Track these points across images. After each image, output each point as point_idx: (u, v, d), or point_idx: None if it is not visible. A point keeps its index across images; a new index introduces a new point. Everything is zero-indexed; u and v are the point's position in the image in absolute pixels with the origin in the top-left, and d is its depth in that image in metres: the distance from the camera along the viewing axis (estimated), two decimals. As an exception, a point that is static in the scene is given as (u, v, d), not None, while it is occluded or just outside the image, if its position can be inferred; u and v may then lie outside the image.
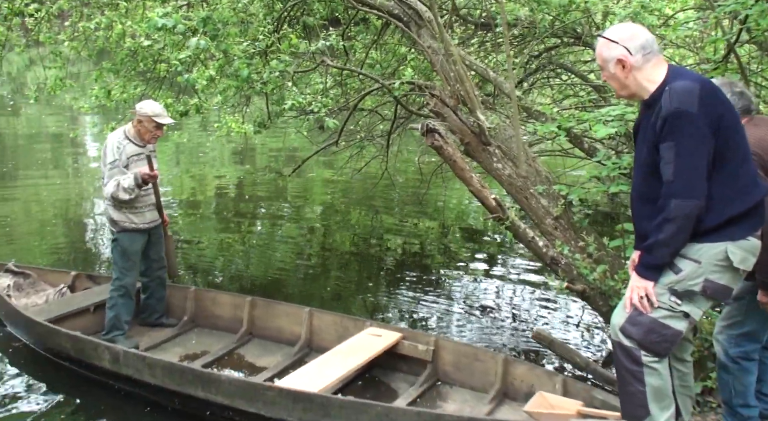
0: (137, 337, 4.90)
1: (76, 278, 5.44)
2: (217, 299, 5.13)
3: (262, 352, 4.78)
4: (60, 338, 4.44)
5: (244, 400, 3.75)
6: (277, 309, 4.90)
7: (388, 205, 9.01)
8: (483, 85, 6.54)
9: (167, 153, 12.30)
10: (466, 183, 4.23)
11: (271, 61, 4.83)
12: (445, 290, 6.07)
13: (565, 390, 3.69)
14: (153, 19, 4.20)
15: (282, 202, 9.28)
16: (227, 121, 7.20)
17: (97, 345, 4.28)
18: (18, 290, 5.25)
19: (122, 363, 4.15)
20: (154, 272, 4.98)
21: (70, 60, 6.98)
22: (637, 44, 2.73)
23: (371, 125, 7.60)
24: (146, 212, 4.73)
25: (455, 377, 4.24)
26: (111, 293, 4.73)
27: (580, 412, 3.39)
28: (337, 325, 4.65)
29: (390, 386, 4.33)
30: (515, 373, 4.00)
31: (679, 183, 2.61)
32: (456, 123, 4.46)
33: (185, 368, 4.04)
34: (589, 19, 5.90)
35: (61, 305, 4.98)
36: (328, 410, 3.54)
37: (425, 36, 5.29)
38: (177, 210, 8.87)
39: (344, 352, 4.19)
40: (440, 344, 4.27)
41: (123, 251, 4.68)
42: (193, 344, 4.92)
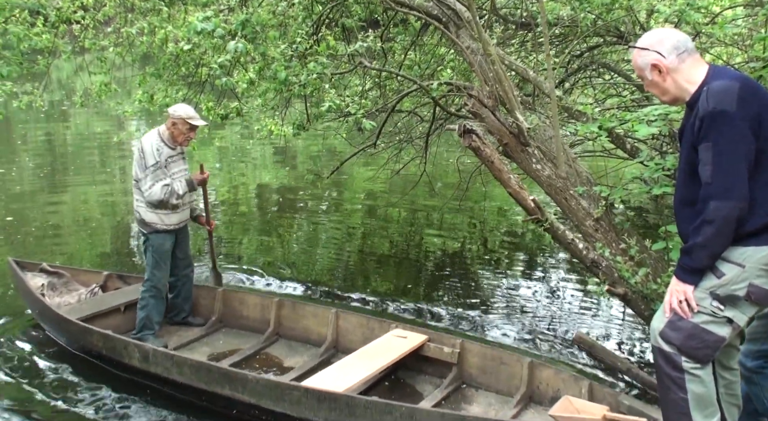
0: (166, 336, 4.99)
1: (107, 278, 5.55)
2: (244, 299, 5.20)
3: (289, 352, 4.83)
4: (92, 336, 4.55)
5: (270, 399, 3.79)
6: (303, 310, 4.95)
7: (427, 207, 8.98)
8: (523, 86, 6.47)
9: (210, 155, 12.50)
10: (504, 184, 4.18)
11: (308, 64, 4.84)
12: (484, 293, 6.01)
13: (591, 395, 3.65)
14: (193, 24, 4.26)
15: (321, 204, 9.33)
16: (267, 123, 7.26)
17: (128, 344, 4.37)
18: (52, 290, 5.38)
19: (151, 361, 4.24)
20: (181, 271, 5.06)
21: (116, 65, 7.14)
22: (669, 46, 2.69)
23: (410, 127, 7.58)
24: (180, 212, 4.83)
25: (480, 380, 4.23)
26: (143, 294, 4.81)
27: (606, 417, 3.37)
28: (363, 326, 4.67)
29: (415, 387, 4.35)
30: (541, 377, 3.97)
31: (716, 185, 2.54)
32: (494, 124, 4.41)
33: (212, 366, 4.09)
34: (632, 17, 5.78)
35: (93, 304, 5.10)
36: (353, 410, 3.56)
37: (464, 36, 5.25)
38: (218, 211, 8.99)
39: (369, 353, 4.21)
40: (466, 346, 4.26)
41: (155, 251, 4.76)
42: (221, 344, 4.99)
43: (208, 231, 5.38)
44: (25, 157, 12.47)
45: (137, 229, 4.90)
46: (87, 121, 15.80)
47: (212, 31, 4.31)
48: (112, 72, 6.95)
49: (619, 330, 5.24)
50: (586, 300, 5.80)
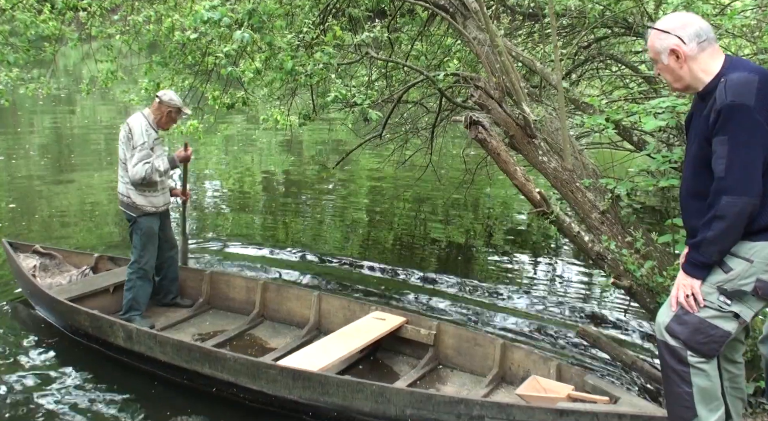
0: (154, 317, 5.11)
1: (98, 260, 5.70)
2: (231, 281, 5.34)
3: (273, 333, 4.96)
4: (79, 315, 4.67)
5: (248, 377, 3.91)
6: (287, 292, 5.09)
7: (432, 198, 8.98)
8: (530, 77, 6.44)
9: (216, 145, 12.52)
10: (510, 176, 4.17)
11: (315, 54, 4.82)
12: (488, 284, 6.02)
13: (559, 375, 3.78)
14: (199, 13, 4.24)
15: (327, 194, 9.35)
16: (273, 113, 7.25)
17: (113, 323, 4.49)
18: (44, 271, 5.53)
19: (135, 341, 4.36)
20: (165, 252, 5.18)
21: (123, 53, 7.14)
22: (691, 32, 2.62)
23: (416, 118, 7.56)
24: (164, 194, 4.99)
25: (456, 361, 4.36)
26: (129, 275, 4.93)
27: (570, 395, 3.49)
28: (344, 308, 4.81)
29: (393, 368, 4.47)
30: (513, 357, 4.10)
31: (730, 179, 2.50)
32: (501, 115, 4.39)
33: (193, 345, 4.20)
34: (640, 8, 5.74)
35: (83, 285, 5.24)
36: (326, 389, 3.69)
37: (471, 27, 5.23)
38: (224, 201, 9.02)
39: (347, 334, 4.35)
40: (442, 328, 4.40)
41: (144, 234, 4.90)
42: (207, 325, 5.13)
43: (182, 201, 5.50)
44: (32, 144, 12.50)
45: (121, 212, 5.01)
46: (93, 109, 15.83)
47: (219, 21, 4.30)
48: (118, 60, 6.94)
49: (624, 323, 5.25)
50: (590, 293, 5.80)
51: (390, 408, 3.56)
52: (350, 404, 3.66)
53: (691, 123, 2.80)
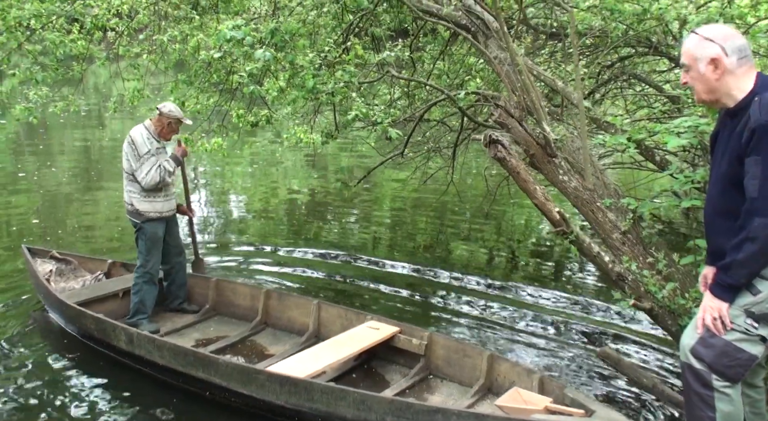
0: (160, 321, 5.27)
1: (111, 266, 5.91)
2: (236, 289, 5.49)
3: (273, 340, 5.09)
4: (86, 319, 4.84)
5: (239, 382, 4.03)
6: (289, 300, 5.23)
7: (454, 217, 8.96)
8: (552, 96, 6.42)
9: (242, 162, 12.65)
10: (530, 195, 4.14)
11: (336, 72, 4.86)
12: (508, 305, 5.95)
13: (542, 387, 3.84)
14: (222, 32, 4.30)
15: (350, 211, 9.38)
16: (296, 131, 7.30)
17: (116, 327, 4.64)
18: (60, 276, 5.77)
19: (135, 344, 4.52)
20: (173, 258, 5.36)
21: (151, 72, 7.27)
22: (734, 46, 2.56)
23: (438, 136, 7.57)
24: (169, 200, 5.20)
25: (446, 371, 4.44)
26: (136, 280, 5.12)
27: (547, 408, 3.55)
28: (341, 317, 4.93)
29: (384, 377, 4.57)
30: (499, 369, 4.16)
31: (763, 200, 2.44)
32: (521, 134, 4.38)
33: (188, 350, 4.33)
34: (664, 27, 5.70)
35: (94, 289, 5.42)
36: (311, 395, 3.79)
37: (492, 46, 5.24)
38: (249, 217, 9.09)
39: (340, 342, 4.46)
40: (433, 338, 4.48)
41: (148, 239, 5.09)
42: (211, 331, 5.28)
43: (189, 219, 5.70)
44: (61, 160, 12.74)
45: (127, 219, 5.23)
46: (122, 127, 16.04)
47: (242, 40, 4.35)
48: (145, 78, 7.07)
49: (644, 346, 5.16)
50: (610, 314, 5.71)
51: (371, 415, 3.64)
52: (334, 411, 3.75)
53: (717, 140, 2.75)
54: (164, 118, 5.11)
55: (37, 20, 5.80)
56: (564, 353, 5.04)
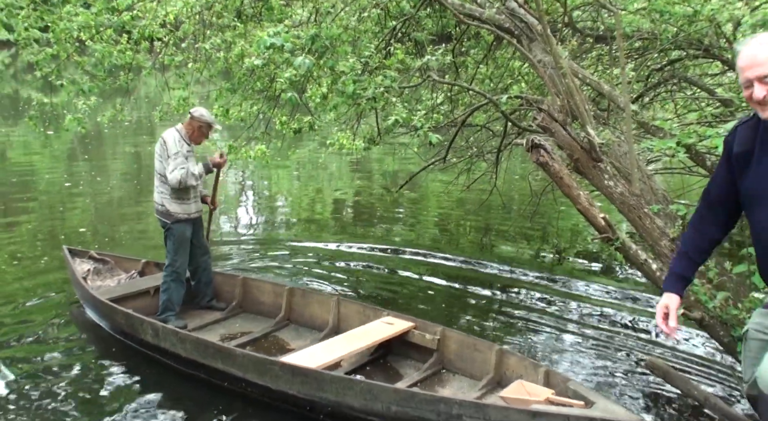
0: (189, 318, 5.45)
1: (145, 265, 6.14)
2: (261, 287, 5.68)
3: (296, 336, 5.24)
4: (116, 314, 5.06)
5: (255, 373, 4.19)
6: (311, 297, 5.39)
7: (498, 223, 8.83)
8: (599, 100, 6.28)
9: (288, 168, 12.77)
10: (573, 201, 4.04)
11: (377, 77, 4.84)
12: (553, 313, 5.82)
13: (547, 380, 3.92)
14: (263, 39, 4.32)
15: (394, 216, 9.36)
16: (338, 137, 7.31)
17: (143, 321, 4.84)
18: (97, 274, 6.03)
19: (161, 337, 4.71)
20: (199, 258, 5.54)
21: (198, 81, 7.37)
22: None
23: (481, 141, 7.48)
24: (195, 203, 5.34)
25: (458, 365, 4.55)
26: (165, 278, 5.32)
27: (548, 399, 3.65)
28: (360, 313, 5.06)
29: (399, 370, 4.71)
30: (508, 363, 4.26)
31: None
32: (565, 138, 4.28)
33: (208, 342, 4.50)
34: (716, 29, 5.51)
35: (126, 287, 5.66)
36: (321, 385, 3.94)
37: (536, 50, 5.15)
38: (294, 221, 9.20)
39: (354, 336, 4.59)
40: (446, 334, 4.59)
41: (176, 239, 5.25)
42: (237, 327, 5.45)
43: (210, 208, 5.75)
44: (114, 167, 13.04)
45: (152, 219, 5.42)
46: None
47: (282, 47, 4.36)
48: (191, 87, 7.18)
49: (694, 357, 4.97)
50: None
51: (377, 405, 3.77)
52: (342, 400, 3.88)
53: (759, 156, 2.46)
54: (195, 122, 5.24)
55: (86, 32, 5.93)
56: (608, 361, 4.89)
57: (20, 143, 15.52)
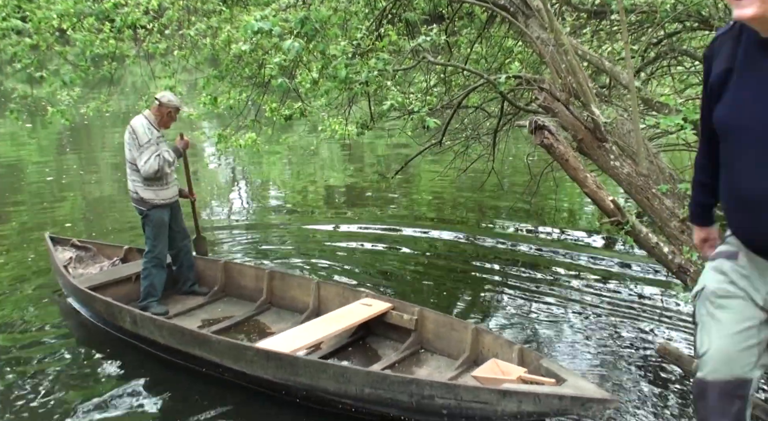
0: (171, 304, 5.48)
1: (128, 252, 6.12)
2: (243, 271, 5.68)
3: (277, 319, 5.26)
4: (96, 302, 5.07)
5: (230, 358, 4.21)
6: (291, 280, 5.41)
7: (495, 206, 8.69)
8: (597, 77, 6.12)
9: (279, 155, 12.59)
10: (580, 184, 3.89)
11: (369, 61, 4.66)
12: (557, 300, 5.68)
13: (521, 359, 3.93)
14: (250, 23, 4.13)
15: (388, 202, 9.19)
16: (330, 123, 7.13)
17: (122, 309, 4.85)
18: (79, 262, 6.01)
19: (139, 325, 4.73)
20: (179, 242, 5.55)
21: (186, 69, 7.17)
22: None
23: (477, 123, 7.31)
24: (170, 187, 5.33)
25: (436, 345, 4.57)
26: (145, 265, 5.31)
27: (520, 377, 3.67)
28: (339, 295, 5.08)
29: (377, 351, 4.73)
30: (483, 342, 4.27)
31: None
32: (568, 118, 4.12)
33: (185, 329, 4.51)
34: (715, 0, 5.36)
35: (108, 274, 5.67)
36: (295, 369, 3.95)
37: (533, 26, 4.97)
38: (287, 210, 9.08)
39: (330, 319, 4.62)
40: (424, 314, 4.61)
41: (154, 225, 5.26)
42: (219, 311, 5.47)
43: (191, 202, 5.87)
44: (102, 159, 12.83)
45: (133, 208, 5.41)
46: (158, 125, 16.12)
47: (270, 31, 4.18)
48: (177, 75, 6.97)
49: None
50: (670, 308, 5.41)
51: (351, 388, 3.79)
52: (316, 384, 3.90)
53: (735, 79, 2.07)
54: (164, 108, 5.25)
55: (66, 20, 5.71)
56: (618, 348, 4.78)
57: (6, 135, 15.26)
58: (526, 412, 3.36)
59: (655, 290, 5.74)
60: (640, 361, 4.57)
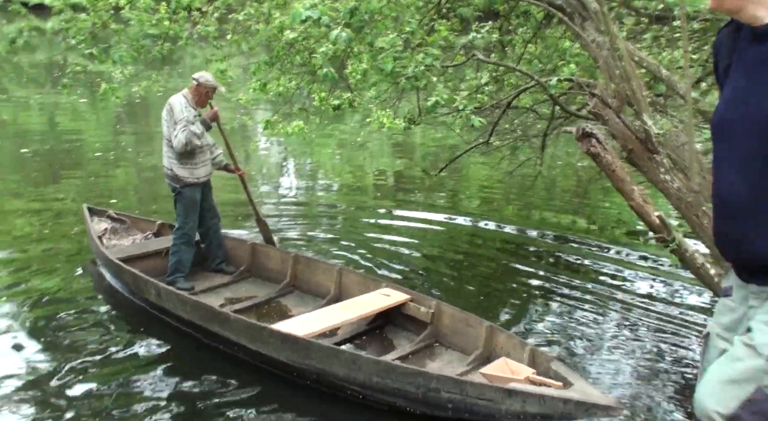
0: (198, 281, 5.59)
1: (161, 227, 6.28)
2: (269, 253, 5.77)
3: (298, 302, 5.32)
4: (124, 273, 5.21)
5: (246, 338, 4.29)
6: (315, 265, 5.47)
7: (541, 209, 8.49)
8: (654, 85, 5.89)
9: (329, 145, 12.63)
10: (626, 196, 3.74)
11: (417, 55, 4.56)
12: (593, 309, 5.49)
13: (532, 359, 3.92)
14: (297, 11, 4.09)
15: (435, 195, 9.15)
16: (379, 115, 7.06)
17: (147, 281, 4.97)
18: (114, 234, 6.18)
19: (163, 298, 4.85)
20: (208, 221, 5.66)
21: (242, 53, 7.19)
22: None
23: (527, 124, 7.14)
24: (203, 167, 5.43)
25: (451, 339, 4.58)
26: (174, 241, 5.46)
27: (528, 378, 3.65)
28: (360, 284, 5.11)
29: (392, 342, 4.76)
30: (496, 340, 4.26)
31: None
32: (618, 127, 3.97)
33: (205, 305, 4.59)
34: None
35: (140, 247, 5.84)
36: (308, 353, 4.01)
37: (590, 29, 4.81)
38: (335, 195, 9.22)
39: (348, 306, 4.67)
40: (441, 308, 4.61)
41: (186, 203, 5.38)
42: (243, 291, 5.56)
43: (240, 178, 5.93)
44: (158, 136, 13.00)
45: (167, 184, 5.50)
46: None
47: (318, 20, 4.13)
48: (234, 58, 7.01)
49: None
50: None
51: (360, 375, 3.84)
52: (328, 369, 3.95)
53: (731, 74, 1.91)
54: (201, 88, 5.34)
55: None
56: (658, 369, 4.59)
57: (68, 109, 15.66)
58: (530, 413, 3.38)
59: (700, 314, 5.46)
60: (675, 385, 4.38)
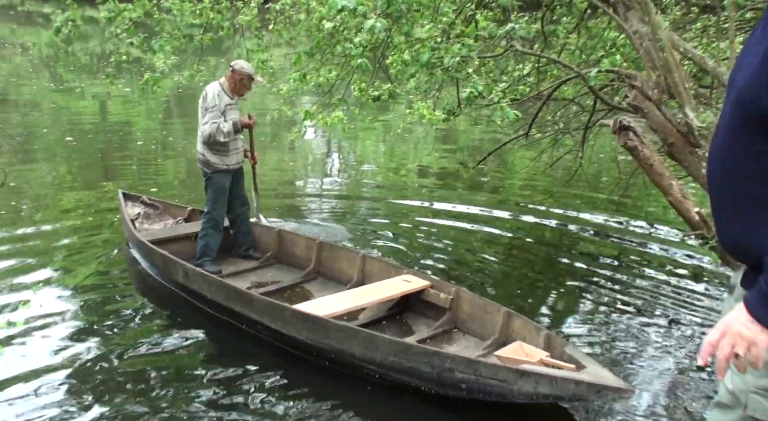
0: (225, 265, 5.76)
1: (192, 212, 6.45)
2: (295, 240, 5.93)
3: (322, 288, 5.43)
4: (154, 255, 5.41)
5: (269, 317, 4.43)
6: (339, 253, 5.60)
7: (582, 202, 8.34)
8: (702, 77, 5.71)
9: (373, 134, 12.66)
10: (664, 191, 3.64)
11: (453, 46, 4.50)
12: (632, 307, 5.38)
13: (547, 344, 3.97)
14: (334, 1, 4.08)
15: (477, 185, 9.15)
16: (418, 107, 7.01)
17: (175, 263, 5.15)
18: (146, 218, 6.40)
19: (190, 279, 5.02)
20: (237, 208, 5.79)
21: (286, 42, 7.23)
22: None
23: (568, 117, 7.00)
24: (234, 155, 5.56)
25: (469, 325, 4.66)
26: (203, 225, 5.60)
27: (541, 360, 3.72)
28: (383, 271, 5.22)
29: (411, 327, 4.86)
30: (513, 326, 4.33)
31: None
32: (658, 120, 3.86)
33: (229, 286, 4.74)
34: None
35: (170, 231, 6.02)
36: (327, 332, 4.13)
37: (633, 19, 4.68)
38: (376, 183, 9.33)
39: (369, 291, 4.80)
40: (460, 294, 4.70)
41: (215, 189, 5.51)
42: (269, 276, 5.71)
43: (252, 164, 6.01)
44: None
45: (198, 169, 5.63)
46: (261, 97, 16.39)
47: (354, 9, 4.11)
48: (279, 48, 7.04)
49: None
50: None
51: (377, 354, 3.94)
52: (346, 348, 4.06)
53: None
54: (236, 75, 5.41)
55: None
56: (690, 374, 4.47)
57: (119, 97, 16.00)
58: (542, 394, 3.42)
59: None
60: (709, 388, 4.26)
